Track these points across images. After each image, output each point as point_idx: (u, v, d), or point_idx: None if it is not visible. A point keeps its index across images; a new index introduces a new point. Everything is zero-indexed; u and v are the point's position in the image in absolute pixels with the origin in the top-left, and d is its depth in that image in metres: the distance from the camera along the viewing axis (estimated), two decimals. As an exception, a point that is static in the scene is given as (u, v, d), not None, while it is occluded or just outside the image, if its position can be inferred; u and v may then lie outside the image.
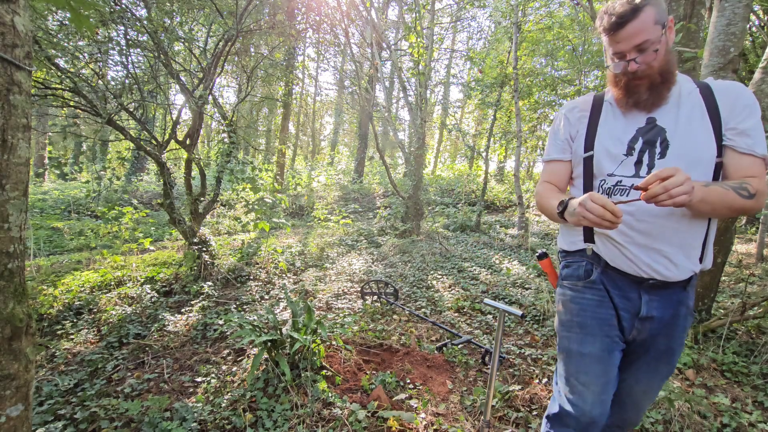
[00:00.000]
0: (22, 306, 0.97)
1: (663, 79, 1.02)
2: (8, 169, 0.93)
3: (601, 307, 1.16)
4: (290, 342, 2.29)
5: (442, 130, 18.28)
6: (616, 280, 1.13)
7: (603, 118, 1.14)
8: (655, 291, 1.09)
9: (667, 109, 1.05)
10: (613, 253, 1.12)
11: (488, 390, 1.71)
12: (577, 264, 1.22)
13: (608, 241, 1.12)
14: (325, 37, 8.51)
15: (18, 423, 0.97)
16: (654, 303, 1.09)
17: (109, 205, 6.30)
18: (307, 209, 10.58)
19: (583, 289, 1.19)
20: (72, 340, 2.79)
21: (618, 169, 1.08)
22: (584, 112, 1.19)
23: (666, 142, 1.02)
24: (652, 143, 1.04)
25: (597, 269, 1.17)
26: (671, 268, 1.05)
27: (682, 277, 1.06)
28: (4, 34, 0.90)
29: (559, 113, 1.25)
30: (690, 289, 1.12)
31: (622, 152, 1.08)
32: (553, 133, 1.25)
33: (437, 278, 4.62)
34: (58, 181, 12.66)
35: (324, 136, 25.50)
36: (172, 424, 1.84)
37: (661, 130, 1.03)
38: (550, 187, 1.24)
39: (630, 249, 1.07)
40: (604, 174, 1.11)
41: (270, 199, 5.26)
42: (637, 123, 1.07)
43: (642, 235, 1.05)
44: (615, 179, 1.09)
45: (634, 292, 1.11)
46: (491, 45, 13.29)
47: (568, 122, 1.21)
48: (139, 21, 3.57)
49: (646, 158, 1.04)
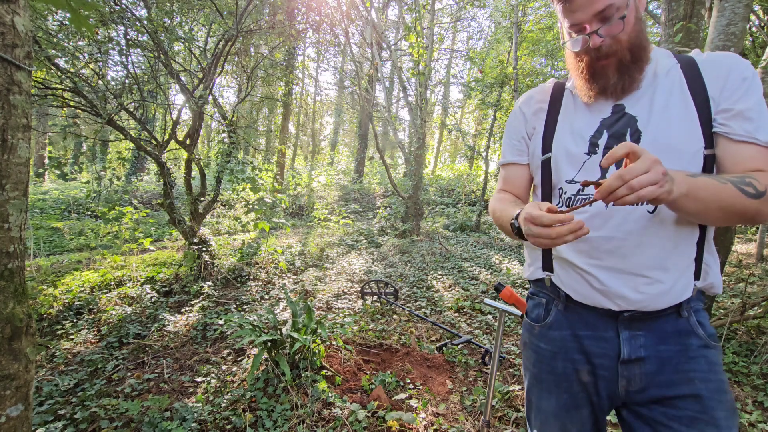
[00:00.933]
0: (22, 306, 0.97)
1: (634, 57, 0.80)
2: (8, 169, 0.93)
3: (556, 359, 0.91)
4: (290, 342, 2.29)
5: (442, 130, 18.28)
6: (585, 317, 0.88)
7: (563, 110, 0.91)
8: (636, 324, 0.83)
9: (639, 93, 0.82)
10: (575, 282, 0.87)
11: (488, 390, 1.71)
12: (537, 300, 0.99)
13: (568, 267, 0.87)
14: (325, 37, 8.51)
15: (18, 423, 0.97)
16: (639, 339, 0.83)
17: (109, 205, 6.30)
18: (307, 209, 10.59)
19: (539, 334, 0.95)
20: (72, 340, 2.79)
21: (580, 173, 0.85)
22: (542, 104, 0.95)
23: (638, 133, 0.80)
24: (620, 136, 0.81)
25: (557, 306, 0.92)
26: (651, 293, 0.79)
27: (669, 302, 0.80)
28: (4, 34, 0.90)
29: (515, 106, 1.01)
30: (690, 312, 0.83)
31: (583, 151, 0.84)
32: (507, 131, 1.02)
33: (437, 278, 4.62)
34: (58, 181, 12.66)
35: (324, 136, 25.51)
36: (172, 424, 1.84)
37: (630, 119, 0.81)
38: (505, 197, 1.00)
39: (596, 275, 0.82)
40: (563, 180, 0.87)
41: (270, 199, 5.26)
42: (602, 113, 0.85)
43: (610, 255, 0.81)
44: (576, 186, 0.85)
45: (610, 330, 0.85)
46: (491, 45, 13.29)
47: (524, 117, 0.98)
48: (139, 21, 3.57)
49: None
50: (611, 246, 0.80)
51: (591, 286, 0.84)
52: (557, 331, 0.92)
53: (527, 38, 9.57)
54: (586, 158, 0.84)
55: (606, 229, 0.80)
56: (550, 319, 0.94)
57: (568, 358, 0.89)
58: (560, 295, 0.91)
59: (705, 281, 0.83)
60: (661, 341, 0.83)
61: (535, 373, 0.97)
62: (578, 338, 0.88)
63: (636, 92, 0.82)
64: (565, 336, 0.90)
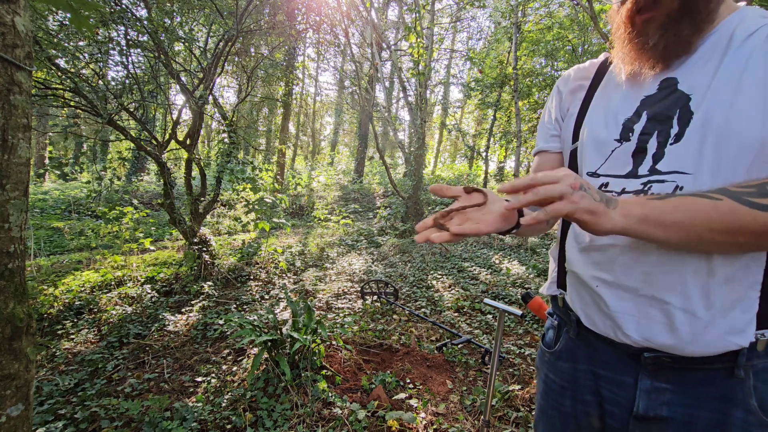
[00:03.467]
0: (22, 306, 0.97)
1: (685, 6, 0.58)
2: (8, 169, 0.93)
3: (564, 396, 0.76)
4: (290, 342, 2.29)
5: (442, 130, 18.29)
6: (600, 350, 0.70)
7: (602, 87, 0.73)
8: (664, 373, 0.62)
9: (699, 62, 0.60)
10: (585, 303, 0.69)
11: (488, 390, 1.71)
12: (551, 321, 0.84)
13: (578, 283, 0.70)
14: (325, 37, 8.51)
15: (18, 423, 0.97)
16: (664, 394, 0.62)
17: (109, 205, 6.30)
18: (307, 209, 10.59)
19: (549, 362, 0.80)
20: (72, 339, 2.79)
21: (605, 164, 0.66)
22: (582, 81, 0.77)
23: (688, 115, 0.58)
24: (664, 120, 0.60)
25: (568, 332, 0.76)
26: (686, 329, 0.57)
27: (708, 349, 0.57)
28: (5, 34, 0.90)
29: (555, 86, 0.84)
30: (749, 373, 0.59)
31: (613, 137, 0.66)
32: (542, 115, 0.87)
33: (437, 278, 4.62)
34: (59, 181, 12.66)
35: (324, 136, 25.52)
36: (172, 424, 1.84)
37: (680, 97, 0.60)
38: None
39: (604, 296, 0.64)
40: (584, 173, 0.71)
41: (270, 199, 5.26)
42: (645, 90, 0.64)
43: (628, 270, 0.61)
44: (599, 181, 0.67)
45: (628, 374, 0.66)
46: (491, 45, 13.30)
47: (560, 97, 0.80)
48: (139, 21, 3.57)
49: (652, 144, 0.61)
50: (629, 258, 0.61)
51: (599, 309, 0.65)
52: (567, 362, 0.76)
53: (527, 38, 9.57)
54: (615, 146, 0.65)
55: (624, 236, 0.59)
56: (559, 346, 0.78)
57: (578, 397, 0.73)
58: (571, 318, 0.74)
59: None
60: (695, 403, 0.61)
61: (542, 406, 0.83)
62: (593, 376, 0.71)
63: (693, 59, 0.61)
64: (576, 370, 0.74)
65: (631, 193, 0.62)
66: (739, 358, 0.58)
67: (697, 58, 0.61)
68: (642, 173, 0.62)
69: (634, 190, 0.62)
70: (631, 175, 0.63)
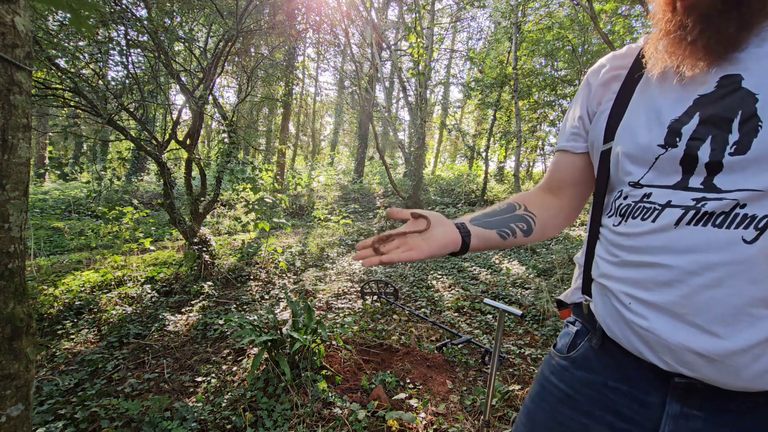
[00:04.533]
0: (22, 306, 0.97)
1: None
2: (8, 169, 0.93)
3: (564, 404, 0.69)
4: (290, 342, 2.29)
5: (442, 130, 18.29)
6: (623, 364, 0.63)
7: (644, 81, 0.62)
8: (696, 400, 0.55)
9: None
10: (611, 314, 0.62)
11: (488, 390, 1.71)
12: (567, 328, 0.76)
13: (607, 294, 0.63)
14: (325, 37, 8.52)
15: (18, 423, 0.97)
16: (695, 422, 0.55)
17: (109, 205, 6.30)
18: (307, 209, 10.59)
19: (555, 367, 0.73)
20: (72, 339, 2.79)
21: (649, 173, 0.57)
22: (618, 71, 0.66)
23: (754, 120, 0.48)
24: (721, 122, 0.51)
25: (590, 341, 0.69)
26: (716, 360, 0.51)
27: (752, 386, 0.51)
28: (5, 34, 0.90)
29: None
30: None
31: (657, 142, 0.56)
32: (568, 110, 0.77)
33: (437, 278, 4.62)
34: (59, 181, 12.66)
35: (324, 136, 25.52)
36: (172, 424, 1.84)
37: (746, 96, 0.50)
38: (519, 196, 0.79)
39: (638, 314, 0.57)
40: (625, 182, 0.61)
41: (270, 199, 5.26)
42: (701, 87, 0.54)
43: (668, 291, 0.54)
44: (641, 192, 0.58)
45: (655, 395, 0.59)
46: (491, 45, 13.30)
47: (589, 89, 0.70)
48: (139, 21, 3.58)
49: (704, 152, 0.52)
50: (670, 278, 0.53)
51: (629, 326, 0.58)
52: (581, 371, 0.68)
53: (527, 38, 9.57)
54: (660, 152, 0.55)
55: (670, 255, 0.53)
56: (576, 353, 0.70)
57: (583, 409, 0.65)
58: (596, 327, 0.67)
59: None
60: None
61: (529, 409, 0.75)
62: (610, 390, 0.63)
63: (764, 54, 0.51)
64: (591, 381, 0.66)
65: (680, 207, 0.53)
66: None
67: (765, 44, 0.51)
68: (694, 186, 0.52)
69: (683, 205, 0.52)
70: (680, 186, 0.54)
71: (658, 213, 0.55)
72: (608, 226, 0.64)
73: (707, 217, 0.50)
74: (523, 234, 0.73)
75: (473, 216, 0.73)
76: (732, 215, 0.49)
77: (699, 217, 0.51)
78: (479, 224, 0.70)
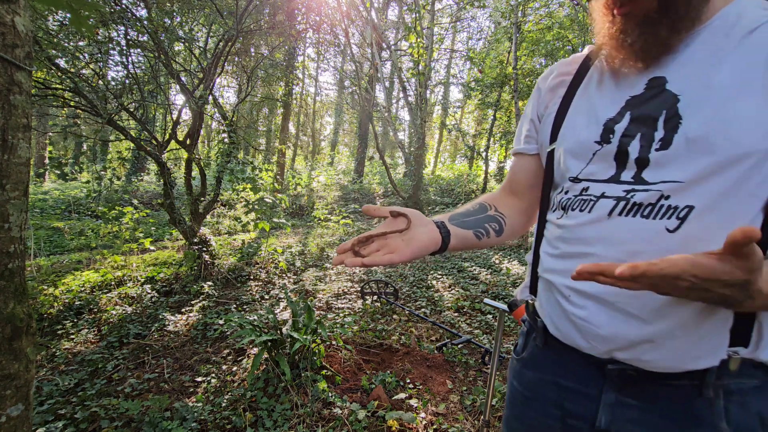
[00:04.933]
0: (22, 306, 0.97)
1: (662, 6, 0.54)
2: (8, 169, 0.93)
3: (529, 406, 0.71)
4: (290, 342, 2.29)
5: (442, 130, 18.29)
6: (567, 360, 0.65)
7: (584, 84, 0.68)
8: (630, 388, 0.59)
9: (691, 60, 0.55)
10: (553, 310, 0.65)
11: (488, 390, 1.71)
12: (522, 327, 0.80)
13: (550, 290, 0.66)
14: (325, 37, 8.52)
15: (18, 423, 0.97)
16: (630, 411, 0.59)
17: (109, 205, 6.30)
18: (307, 209, 10.59)
19: (515, 370, 0.76)
20: (72, 339, 2.79)
21: (587, 168, 0.62)
22: (564, 76, 0.71)
23: (676, 118, 0.53)
24: (648, 121, 0.56)
25: (535, 340, 0.72)
26: (644, 344, 0.55)
27: (678, 366, 0.54)
28: (5, 34, 0.90)
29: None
30: (720, 394, 0.55)
31: (594, 138, 0.61)
32: (523, 114, 0.81)
33: (437, 278, 4.62)
34: (59, 181, 12.67)
35: (324, 136, 25.52)
36: (172, 424, 1.84)
37: (669, 98, 0.55)
38: (485, 198, 0.81)
39: (575, 304, 0.60)
40: (566, 178, 0.65)
41: (270, 199, 5.26)
42: (632, 89, 0.60)
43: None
44: (580, 186, 0.63)
45: (593, 386, 0.62)
46: (491, 45, 13.30)
47: (539, 94, 0.75)
48: (139, 21, 3.58)
49: (635, 148, 0.57)
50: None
51: (568, 318, 0.61)
52: (531, 371, 0.72)
53: (527, 38, 9.57)
54: (596, 148, 0.61)
55: (602, 245, 0.57)
56: (525, 354, 0.74)
57: (543, 410, 0.69)
58: (539, 325, 0.70)
59: (758, 349, 0.52)
60: (661, 422, 0.57)
61: (506, 415, 0.78)
62: (557, 387, 0.67)
63: (686, 59, 0.55)
64: (541, 380, 0.70)
65: (612, 198, 0.57)
66: (708, 376, 0.54)
67: (690, 54, 0.55)
68: (625, 179, 0.57)
69: (614, 195, 0.57)
70: (613, 180, 0.59)
71: (593, 204, 0.59)
72: (552, 220, 0.68)
73: (636, 207, 0.55)
74: (495, 234, 0.76)
75: (451, 215, 0.75)
76: (658, 206, 0.53)
77: (629, 208, 0.55)
78: (457, 224, 0.72)
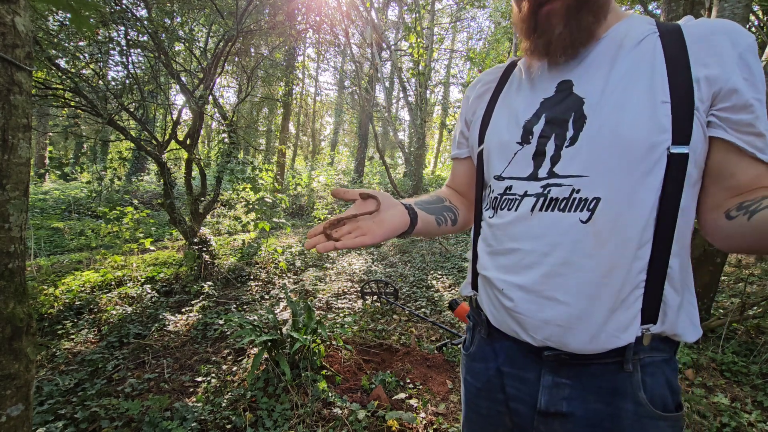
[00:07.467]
0: (22, 306, 0.97)
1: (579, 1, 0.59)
2: (9, 169, 0.93)
3: (481, 398, 0.75)
4: (290, 342, 2.29)
5: (442, 130, 18.28)
6: (507, 349, 0.70)
7: (506, 89, 0.74)
8: (563, 370, 0.64)
9: (592, 66, 0.62)
10: (492, 304, 0.70)
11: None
12: (468, 323, 0.83)
13: (488, 285, 0.71)
14: (325, 37, 8.52)
15: (18, 423, 0.97)
16: (563, 390, 0.64)
17: (109, 205, 6.31)
18: (307, 209, 10.58)
19: (465, 365, 0.80)
20: (72, 339, 2.79)
21: (509, 167, 0.67)
22: (489, 84, 0.78)
23: (582, 119, 0.60)
24: (560, 123, 0.62)
25: (480, 333, 0.76)
26: (572, 327, 0.59)
27: (601, 347, 0.59)
28: (5, 34, 0.90)
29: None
30: (637, 367, 0.61)
31: (515, 140, 0.67)
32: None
33: (437, 278, 4.62)
34: (59, 181, 12.67)
35: (324, 136, 25.52)
36: (172, 424, 1.84)
37: (575, 100, 0.62)
38: (437, 193, 0.86)
39: (510, 297, 0.65)
40: (492, 177, 0.71)
41: (270, 199, 5.26)
42: (545, 92, 0.66)
43: (528, 271, 0.63)
44: (504, 185, 0.68)
45: (531, 371, 0.67)
46: (491, 45, 13.29)
47: (467, 102, 0.82)
48: (139, 21, 3.58)
49: (550, 147, 0.63)
50: (531, 261, 0.62)
51: (504, 308, 0.67)
52: (479, 363, 0.75)
53: (527, 38, 9.58)
54: (517, 148, 0.66)
55: (527, 240, 0.63)
56: (473, 348, 0.78)
57: (491, 397, 0.73)
58: (482, 319, 0.74)
59: (664, 324, 0.59)
60: (590, 397, 0.63)
61: (465, 411, 0.81)
62: (500, 374, 0.71)
63: (588, 62, 0.63)
64: (488, 369, 0.73)
65: (533, 196, 0.63)
66: (627, 352, 0.60)
67: (590, 61, 0.63)
68: (541, 176, 0.63)
69: (534, 193, 0.63)
70: (531, 177, 0.64)
71: (518, 203, 0.65)
72: (486, 219, 0.73)
73: (553, 202, 0.61)
74: (451, 222, 0.81)
75: (417, 200, 0.79)
76: (571, 200, 0.59)
77: (548, 204, 0.61)
78: (422, 209, 0.76)
